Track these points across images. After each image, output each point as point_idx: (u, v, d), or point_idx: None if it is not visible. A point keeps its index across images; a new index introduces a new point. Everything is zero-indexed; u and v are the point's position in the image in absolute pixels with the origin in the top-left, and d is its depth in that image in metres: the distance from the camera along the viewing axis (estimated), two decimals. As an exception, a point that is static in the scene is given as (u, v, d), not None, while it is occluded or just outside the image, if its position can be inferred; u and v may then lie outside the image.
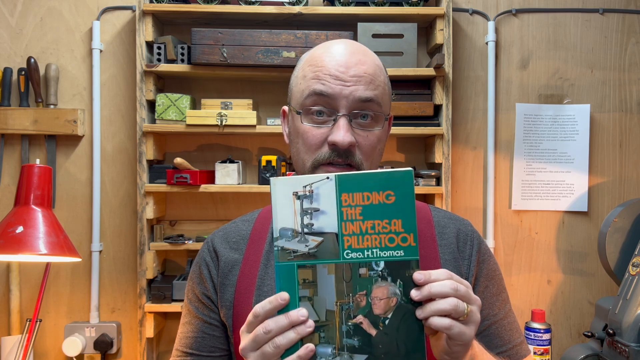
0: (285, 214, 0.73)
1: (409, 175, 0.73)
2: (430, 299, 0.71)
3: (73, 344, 1.95)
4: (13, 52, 2.05)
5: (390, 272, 0.72)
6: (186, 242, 1.96)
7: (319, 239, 0.73)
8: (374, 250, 0.73)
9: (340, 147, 0.88)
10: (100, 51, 2.05)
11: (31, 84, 2.00)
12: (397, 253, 0.73)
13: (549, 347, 1.89)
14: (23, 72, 2.00)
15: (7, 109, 1.98)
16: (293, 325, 0.71)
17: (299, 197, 0.73)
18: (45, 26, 2.05)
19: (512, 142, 2.13)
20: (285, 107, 1.01)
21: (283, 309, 0.72)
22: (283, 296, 0.71)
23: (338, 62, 0.90)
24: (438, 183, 1.99)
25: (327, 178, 0.73)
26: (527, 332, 1.90)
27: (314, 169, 0.91)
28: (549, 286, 2.14)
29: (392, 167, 2.01)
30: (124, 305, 2.08)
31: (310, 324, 0.71)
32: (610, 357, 1.68)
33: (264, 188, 1.93)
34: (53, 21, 2.05)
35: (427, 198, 2.03)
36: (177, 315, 2.08)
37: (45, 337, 2.06)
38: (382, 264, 0.73)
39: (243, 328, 0.74)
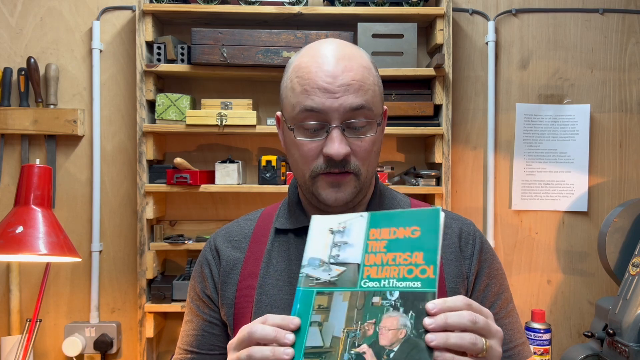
0: (317, 246, 0.79)
1: (437, 213, 0.75)
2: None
3: (73, 344, 1.95)
4: (13, 52, 2.05)
5: (403, 303, 0.70)
6: (186, 242, 1.96)
7: (342, 268, 0.76)
8: (391, 280, 0.73)
9: (335, 159, 0.88)
10: (100, 51, 2.05)
11: (31, 84, 2.00)
12: (414, 284, 0.71)
13: (549, 347, 1.89)
14: (23, 72, 2.00)
15: (7, 109, 1.98)
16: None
17: (332, 232, 0.79)
18: (45, 26, 2.05)
19: (512, 142, 2.13)
20: (279, 113, 1.00)
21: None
22: (295, 322, 0.72)
23: (325, 72, 0.89)
24: (438, 183, 1.99)
25: (361, 216, 0.79)
26: (527, 332, 1.90)
27: (313, 178, 0.92)
28: (549, 286, 2.14)
29: (392, 168, 2.02)
30: (124, 305, 2.08)
31: None
32: (610, 357, 1.68)
33: (264, 188, 1.93)
34: (53, 21, 2.05)
35: (427, 198, 2.03)
36: (177, 315, 2.08)
37: (45, 337, 2.06)
38: (396, 294, 0.71)
39: (232, 341, 0.75)
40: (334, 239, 0.78)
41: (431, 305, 0.67)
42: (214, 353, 1.01)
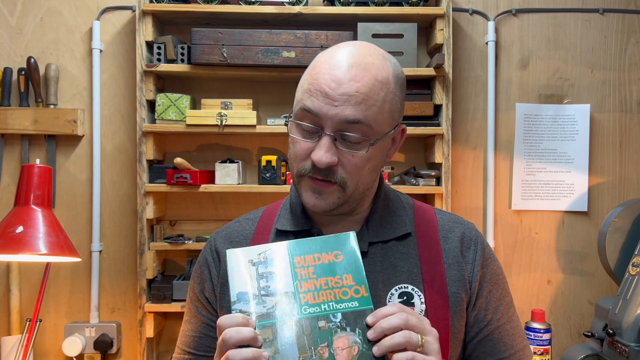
0: (241, 280, 0.79)
1: (349, 237, 0.82)
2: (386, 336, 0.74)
3: (73, 344, 1.95)
4: (13, 52, 2.05)
5: (348, 323, 0.76)
6: (186, 242, 1.96)
7: (275, 298, 0.78)
8: (330, 303, 0.78)
9: (318, 167, 0.88)
10: (100, 51, 2.05)
11: (31, 84, 2.00)
12: (352, 304, 0.77)
13: (549, 347, 1.89)
14: (23, 72, 2.00)
15: (7, 109, 1.98)
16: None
17: (254, 264, 0.80)
18: (45, 26, 2.05)
19: (512, 142, 2.13)
20: None
21: None
22: (251, 322, 0.76)
23: (332, 76, 0.86)
24: (438, 183, 1.99)
25: (280, 245, 0.82)
26: (527, 332, 1.90)
27: (299, 177, 0.92)
28: (549, 286, 2.14)
29: (392, 168, 2.02)
30: (123, 305, 2.08)
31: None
32: (610, 357, 1.68)
33: (263, 188, 1.93)
34: (53, 21, 2.05)
35: (427, 198, 2.03)
36: (177, 315, 2.08)
37: (45, 337, 2.06)
38: (339, 316, 0.77)
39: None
40: (258, 270, 0.79)
41: (370, 318, 0.76)
42: (211, 355, 1.01)
